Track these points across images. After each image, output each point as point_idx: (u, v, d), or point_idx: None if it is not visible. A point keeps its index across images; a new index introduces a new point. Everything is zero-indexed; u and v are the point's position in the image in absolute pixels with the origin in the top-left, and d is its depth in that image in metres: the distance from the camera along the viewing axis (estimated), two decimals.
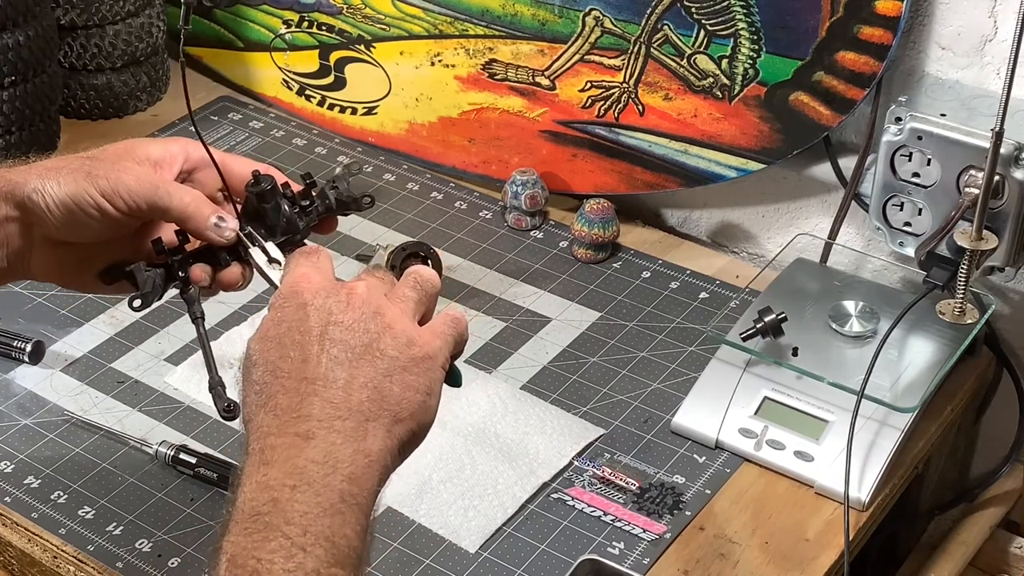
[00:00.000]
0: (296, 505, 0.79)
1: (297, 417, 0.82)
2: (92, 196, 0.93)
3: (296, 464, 0.80)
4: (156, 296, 0.96)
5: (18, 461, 1.22)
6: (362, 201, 0.99)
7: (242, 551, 0.78)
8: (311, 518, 0.79)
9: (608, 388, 1.31)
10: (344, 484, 0.80)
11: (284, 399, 0.83)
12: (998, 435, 1.42)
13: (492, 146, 1.60)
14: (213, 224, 0.95)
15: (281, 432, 0.82)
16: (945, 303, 1.29)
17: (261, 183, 0.96)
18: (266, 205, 0.96)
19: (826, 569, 1.13)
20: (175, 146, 0.99)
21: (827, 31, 1.34)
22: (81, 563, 1.13)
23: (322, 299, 0.87)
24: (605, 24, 1.47)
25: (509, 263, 1.48)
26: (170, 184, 0.96)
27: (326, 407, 0.83)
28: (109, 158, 0.96)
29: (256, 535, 0.78)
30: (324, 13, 1.67)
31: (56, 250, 0.98)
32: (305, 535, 0.78)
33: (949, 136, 1.25)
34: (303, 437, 0.81)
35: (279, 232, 0.96)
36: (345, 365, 0.84)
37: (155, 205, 0.94)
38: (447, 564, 1.13)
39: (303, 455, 0.80)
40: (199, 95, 1.77)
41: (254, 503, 0.79)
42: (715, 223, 1.57)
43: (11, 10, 1.51)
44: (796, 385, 1.24)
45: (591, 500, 1.18)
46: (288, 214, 0.96)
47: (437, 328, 0.90)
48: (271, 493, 0.79)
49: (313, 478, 0.80)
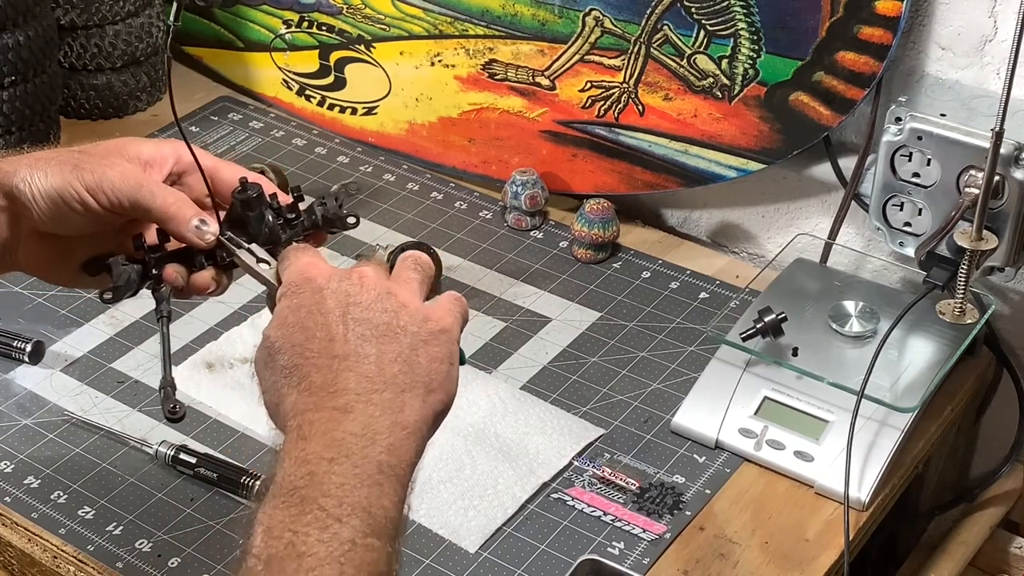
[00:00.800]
0: (333, 478, 0.79)
1: (333, 392, 0.83)
2: (76, 189, 0.93)
3: (335, 437, 0.81)
4: (129, 291, 0.97)
5: (18, 461, 1.22)
6: (347, 220, 0.99)
7: (278, 523, 0.78)
8: (348, 489, 0.79)
9: (608, 388, 1.31)
10: (383, 455, 0.81)
11: (318, 377, 0.84)
12: (998, 435, 1.42)
13: (492, 146, 1.60)
14: (194, 227, 0.95)
15: (319, 407, 0.82)
16: (945, 303, 1.29)
17: (247, 190, 0.95)
18: (250, 213, 0.96)
19: (826, 569, 1.13)
20: (167, 148, 1.00)
21: (827, 31, 1.34)
22: (81, 563, 1.13)
23: (336, 283, 0.88)
24: (605, 24, 1.47)
25: (509, 263, 1.48)
26: (155, 184, 0.96)
27: (362, 381, 0.83)
28: (99, 153, 0.96)
29: (293, 508, 0.78)
30: (324, 13, 1.67)
31: (43, 242, 0.98)
32: (341, 506, 0.78)
33: (949, 136, 1.25)
34: (341, 411, 0.82)
35: (260, 241, 0.96)
36: (372, 342, 0.85)
37: (137, 203, 0.94)
38: (447, 564, 1.13)
39: (341, 427, 0.81)
40: (199, 95, 1.77)
41: (291, 477, 0.80)
42: (715, 223, 1.57)
43: (11, 10, 1.51)
44: (796, 385, 1.24)
45: (591, 500, 1.18)
46: (271, 224, 0.96)
47: (445, 305, 0.91)
48: (308, 467, 0.80)
49: (351, 450, 0.80)
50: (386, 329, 0.86)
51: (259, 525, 0.79)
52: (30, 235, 0.98)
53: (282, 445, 0.83)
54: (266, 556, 0.78)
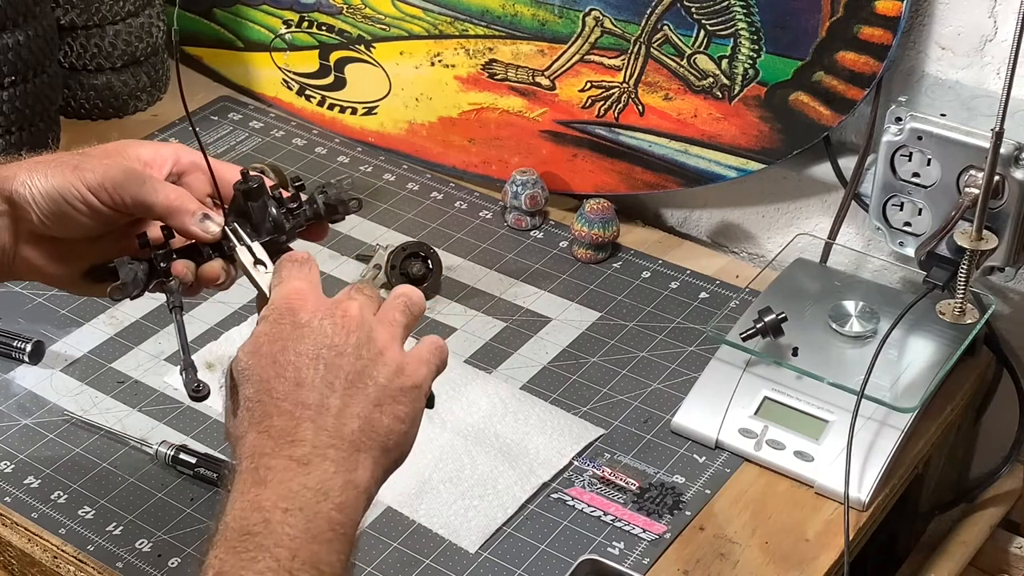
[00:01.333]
0: (287, 528, 0.79)
1: (292, 441, 0.83)
2: (78, 189, 0.93)
3: (291, 488, 0.81)
4: (136, 289, 0.96)
5: (18, 461, 1.22)
6: (350, 204, 0.99)
7: (230, 568, 0.78)
8: (300, 543, 0.79)
9: (608, 388, 1.31)
10: (333, 512, 0.81)
11: (279, 422, 0.83)
12: (998, 435, 1.42)
13: (492, 146, 1.60)
14: (198, 220, 0.95)
15: (276, 454, 0.82)
16: (945, 303, 1.29)
17: (249, 181, 0.95)
18: (253, 204, 0.96)
19: (826, 569, 1.13)
20: (166, 149, 0.99)
21: (827, 31, 1.34)
22: (81, 563, 1.13)
23: (318, 320, 0.87)
24: (605, 24, 1.47)
25: (509, 263, 1.48)
26: (157, 180, 0.96)
27: (321, 434, 0.83)
28: (99, 154, 0.96)
29: (245, 554, 0.79)
30: (324, 13, 1.67)
31: (42, 246, 0.98)
32: (293, 560, 0.79)
33: (949, 136, 1.25)
34: (299, 462, 0.82)
35: (264, 232, 0.96)
36: (339, 392, 0.85)
37: (140, 200, 0.94)
38: (447, 564, 1.13)
39: (298, 480, 0.81)
40: (199, 95, 1.77)
41: (245, 521, 0.80)
42: (715, 223, 1.57)
43: (11, 10, 1.51)
44: (796, 385, 1.24)
45: (591, 500, 1.18)
46: (274, 215, 0.96)
47: (424, 355, 0.90)
48: (263, 514, 0.80)
49: (306, 504, 0.80)
50: (356, 378, 0.85)
51: (210, 569, 0.79)
52: (29, 239, 0.97)
53: (234, 484, 0.83)
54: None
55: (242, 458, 0.84)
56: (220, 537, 0.80)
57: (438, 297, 1.42)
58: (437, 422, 1.25)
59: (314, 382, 0.84)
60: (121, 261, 0.96)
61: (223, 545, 0.80)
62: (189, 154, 0.99)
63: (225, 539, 0.80)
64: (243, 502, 0.81)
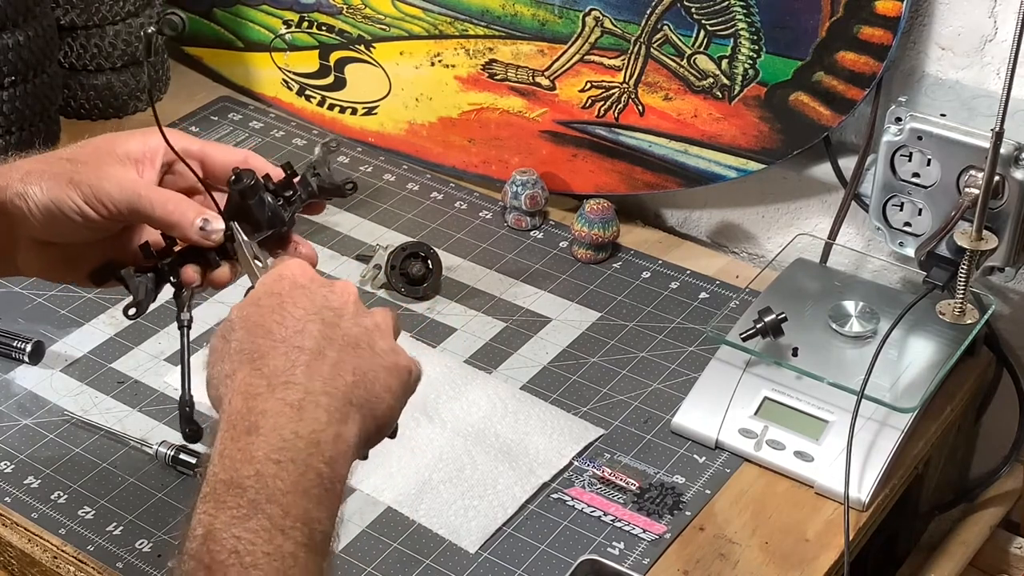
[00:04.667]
0: (279, 483, 0.78)
1: (286, 383, 0.81)
2: (75, 202, 0.93)
3: (283, 436, 0.79)
4: (150, 301, 0.96)
5: (18, 461, 1.22)
6: (345, 187, 0.99)
7: (221, 526, 0.77)
8: (292, 498, 0.78)
9: (608, 388, 1.31)
10: (323, 466, 0.80)
11: (274, 361, 0.82)
12: (998, 435, 1.42)
13: (492, 146, 1.60)
14: (199, 228, 0.94)
15: (269, 395, 0.81)
16: (945, 303, 1.29)
17: (243, 179, 0.94)
18: (250, 201, 0.95)
19: (826, 569, 1.13)
20: (154, 139, 0.97)
21: (827, 31, 1.34)
22: (81, 563, 1.13)
23: (317, 286, 0.87)
24: (605, 24, 1.47)
25: (509, 263, 1.48)
26: (152, 191, 0.94)
27: (315, 379, 0.82)
28: (90, 160, 0.95)
29: (237, 510, 0.77)
30: (324, 13, 1.67)
31: (42, 248, 0.98)
32: (285, 517, 0.77)
33: (949, 136, 1.25)
34: (292, 406, 0.80)
35: (265, 226, 0.95)
36: (336, 346, 0.84)
37: (137, 212, 0.94)
38: (447, 564, 1.13)
39: (290, 426, 0.80)
40: (199, 95, 1.77)
41: (236, 473, 0.78)
42: (715, 223, 1.57)
43: (11, 10, 1.51)
44: (796, 385, 1.24)
45: (591, 500, 1.18)
46: (272, 206, 0.95)
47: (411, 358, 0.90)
48: (255, 466, 0.78)
49: (297, 455, 0.79)
50: (354, 341, 0.85)
51: (198, 527, 0.77)
52: (28, 243, 0.97)
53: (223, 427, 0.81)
54: (208, 560, 0.76)
55: (231, 395, 0.82)
56: (209, 489, 0.78)
57: (438, 297, 1.42)
58: (437, 422, 1.25)
59: (313, 332, 0.84)
60: (128, 273, 0.96)
61: (212, 499, 0.78)
62: (179, 141, 0.98)
63: (215, 492, 0.78)
64: (233, 450, 0.79)
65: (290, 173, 0.98)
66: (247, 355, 0.83)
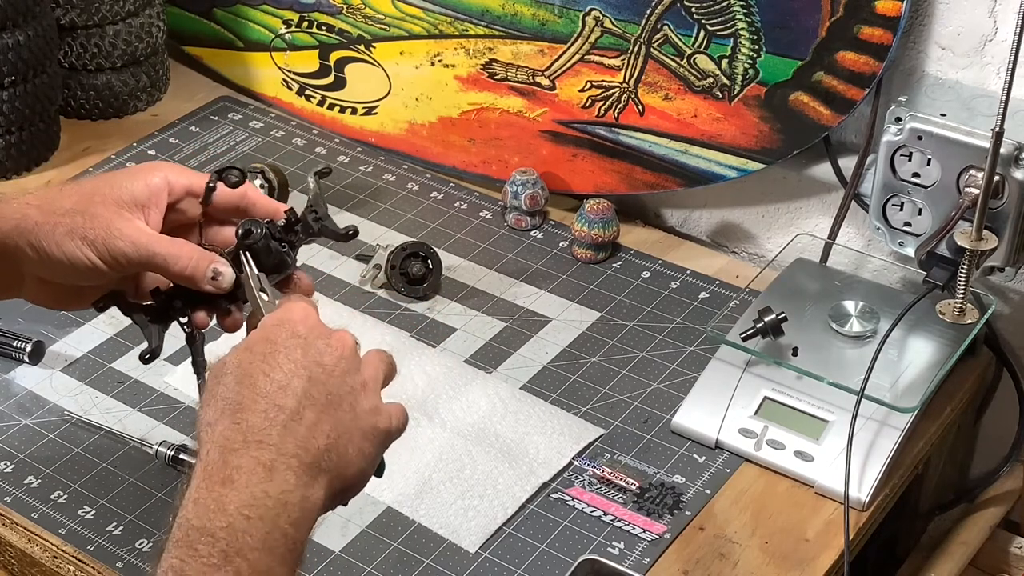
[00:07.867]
0: (248, 538, 0.80)
1: (261, 442, 0.83)
2: (89, 258, 0.95)
3: (254, 493, 0.81)
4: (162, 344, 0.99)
5: (18, 461, 1.22)
6: (347, 235, 1.01)
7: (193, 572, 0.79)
8: (259, 555, 0.80)
9: (608, 388, 1.31)
10: (288, 528, 0.82)
11: (253, 418, 0.84)
12: (998, 435, 1.42)
13: (492, 146, 1.60)
14: (210, 278, 0.96)
15: (243, 452, 0.82)
16: (945, 303, 1.29)
17: (252, 233, 0.96)
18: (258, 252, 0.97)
19: (826, 569, 1.13)
20: (155, 178, 0.98)
21: (827, 31, 1.34)
22: (81, 563, 1.13)
23: (314, 338, 0.88)
24: (605, 24, 1.47)
25: (509, 263, 1.48)
26: (165, 247, 0.96)
27: (288, 440, 0.83)
28: (99, 214, 0.96)
29: (208, 559, 0.79)
30: (324, 13, 1.67)
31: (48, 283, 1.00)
32: (252, 573, 0.79)
33: (949, 136, 1.25)
34: (265, 467, 0.82)
35: (271, 271, 0.97)
36: (317, 407, 0.85)
37: (153, 268, 0.97)
38: (447, 564, 1.13)
39: (261, 486, 0.81)
40: (199, 95, 1.77)
41: (208, 522, 0.80)
42: (715, 223, 1.57)
43: (11, 10, 1.51)
44: (796, 385, 1.24)
45: (591, 500, 1.18)
46: (278, 253, 0.98)
47: (396, 412, 0.91)
48: (228, 518, 0.80)
49: (266, 513, 0.81)
50: (336, 400, 0.86)
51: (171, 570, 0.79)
52: (35, 279, 1.00)
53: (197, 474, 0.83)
54: None
55: (209, 445, 0.83)
56: (182, 535, 0.80)
57: (438, 297, 1.42)
58: (437, 422, 1.25)
59: (296, 390, 0.85)
60: (143, 321, 0.99)
61: (185, 545, 0.80)
62: (177, 175, 0.99)
63: (188, 538, 0.80)
64: (208, 499, 0.81)
65: (292, 219, 1.00)
66: (230, 405, 0.85)
